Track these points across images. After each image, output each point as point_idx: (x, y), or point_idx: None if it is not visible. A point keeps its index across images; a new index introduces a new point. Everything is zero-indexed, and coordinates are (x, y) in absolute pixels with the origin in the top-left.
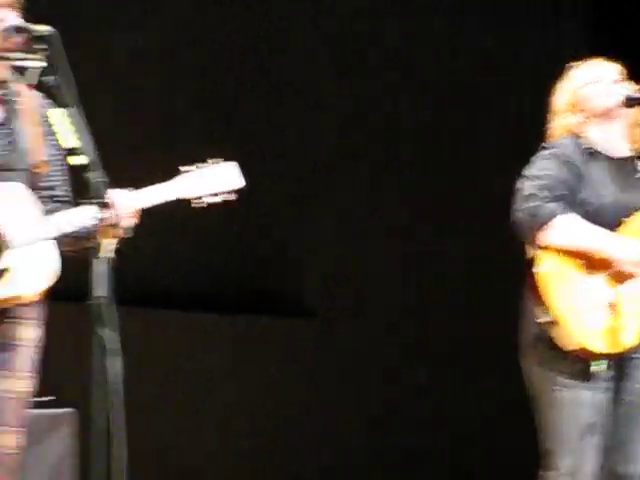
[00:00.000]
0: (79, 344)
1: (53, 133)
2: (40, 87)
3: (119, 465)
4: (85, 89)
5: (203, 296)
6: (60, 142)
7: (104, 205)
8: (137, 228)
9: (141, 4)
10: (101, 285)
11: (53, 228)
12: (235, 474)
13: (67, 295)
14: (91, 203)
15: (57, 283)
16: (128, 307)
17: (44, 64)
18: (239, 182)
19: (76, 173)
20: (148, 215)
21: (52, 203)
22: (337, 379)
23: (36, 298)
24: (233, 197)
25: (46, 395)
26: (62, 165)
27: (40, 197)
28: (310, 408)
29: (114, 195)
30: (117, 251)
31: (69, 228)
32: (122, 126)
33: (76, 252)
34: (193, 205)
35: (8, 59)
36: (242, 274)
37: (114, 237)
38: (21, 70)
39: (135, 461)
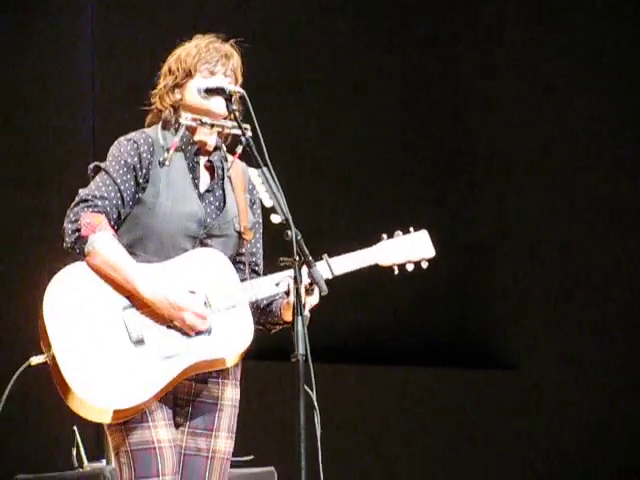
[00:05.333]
0: (274, 402)
1: (256, 201)
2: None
3: None
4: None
5: (389, 349)
6: (263, 202)
7: (307, 263)
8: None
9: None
10: (301, 343)
11: (251, 293)
12: None
13: (264, 354)
14: (295, 261)
15: (258, 342)
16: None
17: (234, 123)
18: (431, 251)
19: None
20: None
21: (250, 269)
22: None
23: (236, 361)
24: (425, 266)
25: (245, 454)
26: (260, 233)
27: (241, 262)
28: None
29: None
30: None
31: (266, 294)
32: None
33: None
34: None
35: (219, 126)
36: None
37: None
38: (227, 137)
39: None
